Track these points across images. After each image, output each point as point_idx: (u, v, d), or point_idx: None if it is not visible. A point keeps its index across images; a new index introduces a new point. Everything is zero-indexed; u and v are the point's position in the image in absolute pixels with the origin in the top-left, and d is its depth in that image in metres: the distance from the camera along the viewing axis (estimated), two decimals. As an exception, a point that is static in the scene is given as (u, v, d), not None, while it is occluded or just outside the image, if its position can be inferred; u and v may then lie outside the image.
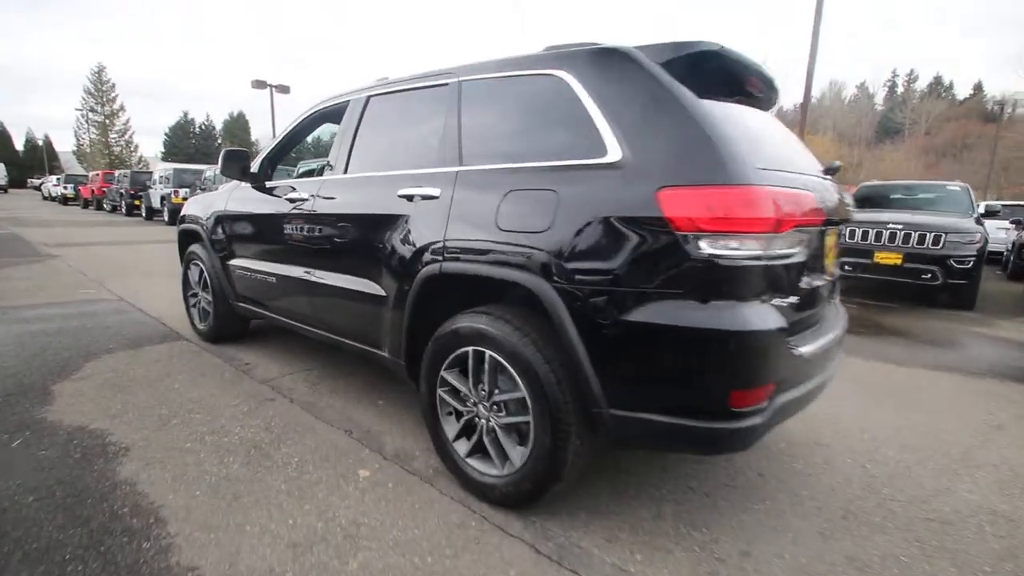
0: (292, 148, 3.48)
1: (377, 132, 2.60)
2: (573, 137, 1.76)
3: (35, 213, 18.64)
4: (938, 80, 63.53)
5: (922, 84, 64.10)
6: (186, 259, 3.92)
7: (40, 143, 59.66)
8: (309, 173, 5.44)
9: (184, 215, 3.99)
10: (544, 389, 1.69)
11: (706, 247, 1.43)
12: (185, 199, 12.99)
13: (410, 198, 2.16)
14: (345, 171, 2.62)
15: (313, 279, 2.71)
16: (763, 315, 1.47)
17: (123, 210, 18.82)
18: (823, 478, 2.29)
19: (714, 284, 1.45)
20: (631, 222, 1.53)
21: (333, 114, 2.94)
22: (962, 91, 61.99)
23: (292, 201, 2.84)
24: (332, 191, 2.62)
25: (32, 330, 3.92)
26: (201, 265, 3.71)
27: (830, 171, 2.19)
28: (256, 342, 3.88)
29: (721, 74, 1.80)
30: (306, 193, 2.76)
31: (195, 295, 3.90)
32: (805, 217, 1.60)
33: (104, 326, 4.11)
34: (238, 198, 3.38)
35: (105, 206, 21.35)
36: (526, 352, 1.72)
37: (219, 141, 59.68)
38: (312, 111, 3.09)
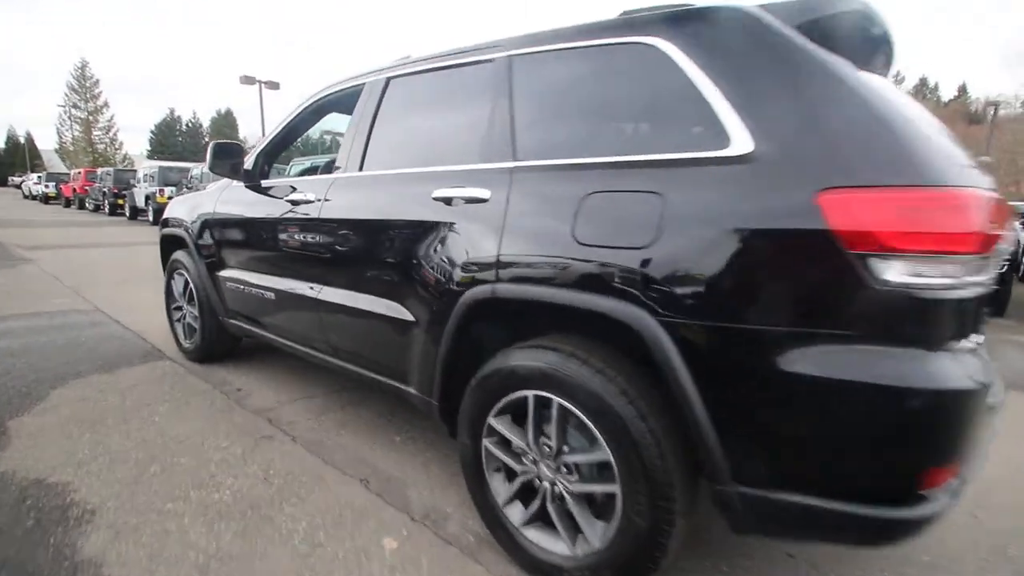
0: (291, 142, 3.04)
1: (401, 121, 2.17)
2: (677, 123, 1.35)
3: (13, 213, 17.94)
4: (923, 82, 64.07)
5: (908, 86, 64.63)
6: (169, 267, 3.47)
7: (22, 140, 58.21)
8: (307, 172, 5.00)
9: (167, 218, 3.52)
10: (640, 453, 1.28)
11: (890, 272, 1.03)
12: (171, 198, 12.45)
13: (449, 201, 1.73)
14: (360, 168, 2.19)
15: (321, 297, 2.27)
16: (970, 368, 1.08)
17: (106, 209, 18.29)
18: (939, 536, 1.91)
19: (903, 323, 1.05)
20: (776, 236, 1.13)
21: (342, 101, 2.50)
22: (947, 92, 62.66)
23: (294, 203, 2.40)
24: (345, 192, 2.19)
25: (-7, 348, 3.45)
26: (186, 275, 3.25)
27: None
28: (248, 362, 3.42)
29: (859, 43, 1.39)
30: (311, 194, 2.32)
31: (180, 308, 3.45)
32: (1004, 230, 1.21)
33: (77, 343, 3.64)
34: (229, 199, 2.93)
35: (88, 205, 20.73)
36: (614, 403, 1.31)
37: (206, 139, 58.71)
38: (315, 98, 2.64)
